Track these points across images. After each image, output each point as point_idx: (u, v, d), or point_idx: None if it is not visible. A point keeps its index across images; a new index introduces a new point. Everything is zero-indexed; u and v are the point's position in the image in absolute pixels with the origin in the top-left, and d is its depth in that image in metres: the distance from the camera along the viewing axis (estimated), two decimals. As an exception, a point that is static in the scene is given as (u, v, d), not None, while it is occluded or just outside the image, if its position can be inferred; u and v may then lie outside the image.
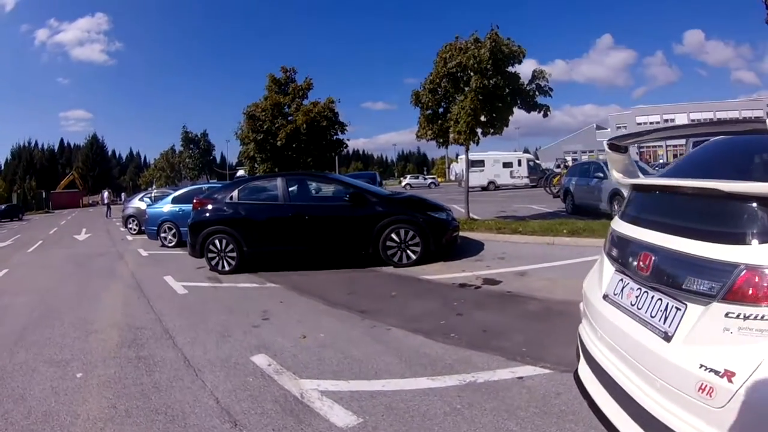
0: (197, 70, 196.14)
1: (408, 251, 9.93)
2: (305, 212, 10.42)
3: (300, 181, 11.73)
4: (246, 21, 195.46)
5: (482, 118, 15.18)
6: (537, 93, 15.26)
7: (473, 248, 10.97)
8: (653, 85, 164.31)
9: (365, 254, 10.06)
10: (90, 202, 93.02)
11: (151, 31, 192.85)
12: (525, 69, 15.39)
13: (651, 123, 72.82)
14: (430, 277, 8.74)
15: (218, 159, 73.34)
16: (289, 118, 24.64)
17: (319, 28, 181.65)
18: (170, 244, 17.00)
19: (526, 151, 68.99)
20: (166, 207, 17.41)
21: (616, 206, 14.04)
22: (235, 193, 11.19)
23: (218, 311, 7.70)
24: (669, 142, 66.14)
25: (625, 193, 3.63)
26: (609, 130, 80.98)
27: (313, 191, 11.90)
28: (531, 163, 50.82)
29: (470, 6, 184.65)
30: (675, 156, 57.63)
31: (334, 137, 25.73)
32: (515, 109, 15.54)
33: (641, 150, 64.88)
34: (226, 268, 10.75)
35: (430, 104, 16.07)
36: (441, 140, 16.57)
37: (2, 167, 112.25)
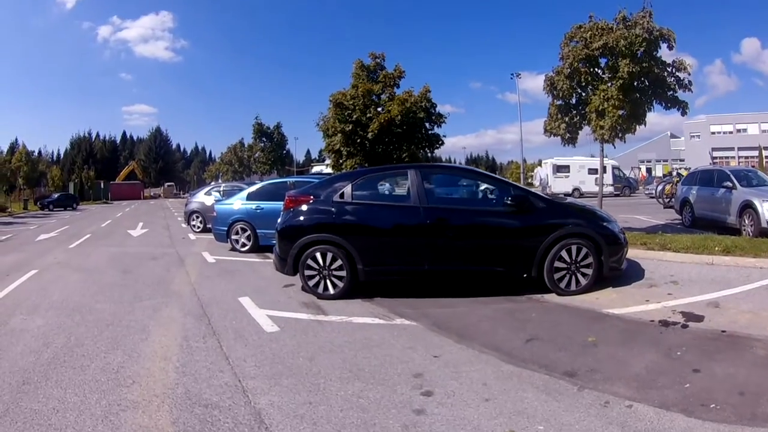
0: (264, 67, 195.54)
1: (578, 275, 8.04)
2: (449, 219, 8.22)
3: (440, 176, 9.53)
4: (314, 16, 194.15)
5: (624, 112, 13.61)
6: (677, 86, 13.75)
7: (630, 269, 9.18)
8: (714, 94, 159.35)
9: (526, 279, 8.09)
10: (152, 194, 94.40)
11: (217, 27, 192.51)
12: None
13: (724, 132, 73.57)
14: (616, 311, 7.13)
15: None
16: (380, 108, 22.42)
17: (385, 29, 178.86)
18: (243, 249, 14.43)
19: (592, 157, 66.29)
20: (238, 203, 14.95)
21: (747, 220, 13.59)
22: (347, 189, 8.62)
23: (340, 373, 5.18)
24: (741, 153, 69.17)
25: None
26: (683, 138, 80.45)
27: (458, 191, 9.85)
28: (616, 171, 49.03)
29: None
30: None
31: (431, 131, 23.34)
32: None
33: (714, 161, 62.53)
34: (330, 291, 8.29)
35: (566, 92, 14.27)
36: (569, 136, 14.78)
37: (61, 157, 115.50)
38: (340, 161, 22.71)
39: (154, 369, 5.32)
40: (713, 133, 74.55)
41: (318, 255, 8.28)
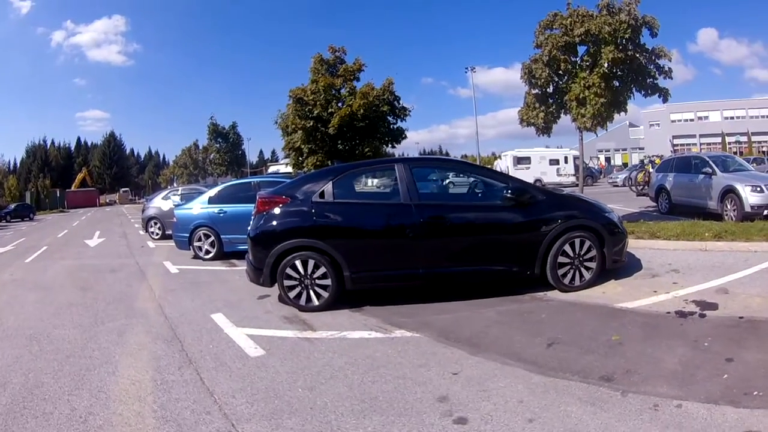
0: (217, 69, 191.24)
1: (581, 269, 7.46)
2: (444, 216, 7.37)
3: (430, 171, 9.10)
4: (266, 16, 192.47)
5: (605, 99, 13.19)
6: (657, 74, 13.62)
7: (628, 259, 8.55)
8: (671, 84, 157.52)
9: (528, 276, 7.43)
10: (107, 200, 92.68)
11: (170, 30, 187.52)
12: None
13: (685, 120, 73.76)
14: (628, 305, 6.68)
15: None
16: (341, 103, 21.61)
17: (335, 26, 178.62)
18: (207, 256, 13.32)
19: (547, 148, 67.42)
20: (199, 207, 13.78)
21: (729, 205, 13.52)
22: (328, 188, 7.68)
23: (351, 405, 4.34)
24: (702, 141, 69.91)
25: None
26: (642, 127, 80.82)
27: (450, 185, 9.42)
28: (577, 161, 48.36)
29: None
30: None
31: (395, 125, 22.52)
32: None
33: (675, 148, 64.66)
34: (314, 302, 7.38)
35: (544, 81, 14.00)
36: (544, 126, 14.48)
37: (17, 166, 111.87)
38: (301, 159, 21.83)
39: (128, 414, 4.36)
40: (673, 121, 74.19)
41: (298, 263, 7.34)
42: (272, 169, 56.88)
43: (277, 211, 7.68)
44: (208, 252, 13.29)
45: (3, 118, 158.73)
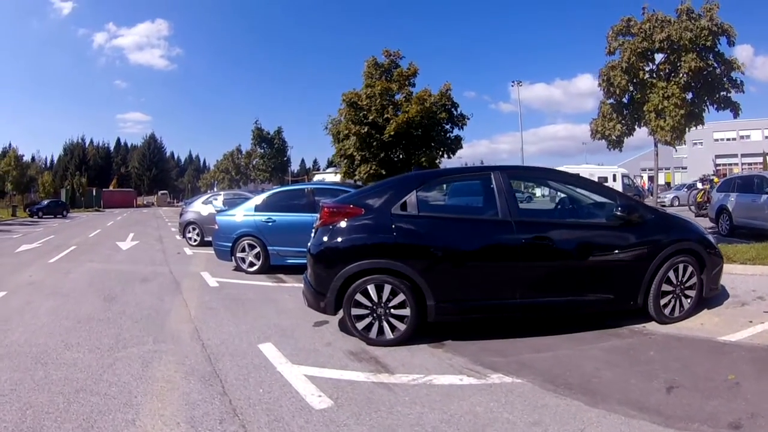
0: (260, 75, 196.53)
1: (681, 298, 6.69)
2: (548, 236, 6.36)
3: (527, 180, 8.17)
4: (312, 23, 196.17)
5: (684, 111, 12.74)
6: (730, 87, 13.10)
7: None
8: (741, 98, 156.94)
9: (630, 308, 6.59)
10: (145, 202, 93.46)
11: (212, 35, 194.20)
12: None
13: (728, 139, 72.66)
14: (730, 338, 6.06)
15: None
16: (396, 110, 20.34)
17: (384, 34, 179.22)
18: (251, 269, 11.99)
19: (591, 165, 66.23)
20: (244, 215, 12.38)
21: None
22: (411, 198, 6.47)
23: None
24: (744, 160, 68.42)
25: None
26: (686, 146, 76.34)
27: (550, 200, 8.60)
28: (625, 179, 47.85)
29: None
30: None
31: (452, 134, 21.40)
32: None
33: (717, 168, 63.46)
34: (388, 335, 6.19)
35: (623, 89, 13.36)
36: (615, 139, 13.96)
37: (54, 163, 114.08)
38: (353, 167, 20.60)
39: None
40: (716, 140, 72.65)
41: (371, 288, 6.13)
42: (317, 177, 56.13)
43: (347, 224, 6.43)
44: (252, 264, 11.99)
45: (42, 117, 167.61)
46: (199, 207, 20.09)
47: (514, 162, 61.84)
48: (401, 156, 20.10)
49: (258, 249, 11.92)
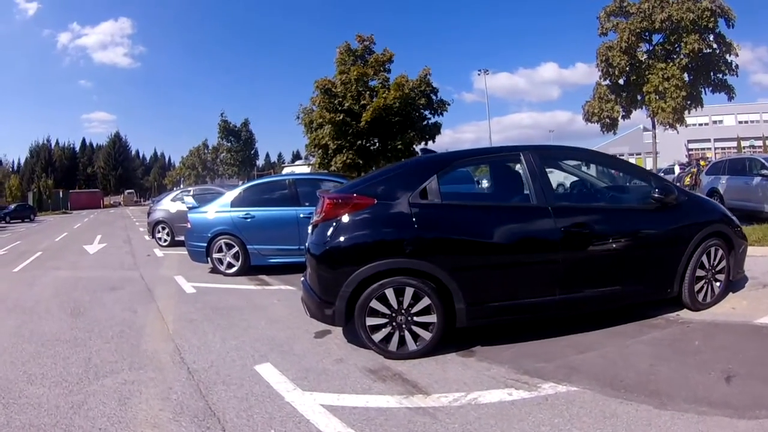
0: (222, 72, 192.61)
1: (712, 282, 6.23)
2: (588, 223, 5.64)
3: (559, 160, 6.75)
4: (264, 17, 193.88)
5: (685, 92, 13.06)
6: (726, 70, 13.38)
7: None
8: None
9: (667, 296, 6.08)
10: (112, 202, 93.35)
11: (175, 33, 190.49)
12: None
13: (700, 125, 70.72)
14: (765, 321, 5.68)
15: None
16: (372, 96, 19.33)
17: (353, 22, 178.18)
18: (229, 271, 10.88)
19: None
20: (220, 211, 11.15)
21: None
22: (432, 184, 5.51)
23: None
24: (717, 145, 68.35)
25: None
26: (657, 131, 77.48)
27: (583, 183, 6.97)
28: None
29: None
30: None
31: (430, 121, 20.45)
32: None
33: (690, 153, 64.49)
34: (411, 347, 5.26)
35: (622, 69, 14.23)
36: (609, 122, 15.16)
37: (21, 166, 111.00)
38: (327, 157, 19.65)
39: None
40: (689, 124, 73.44)
41: (390, 293, 5.17)
42: (286, 170, 54.96)
43: (356, 217, 5.42)
44: (230, 266, 10.88)
45: (7, 119, 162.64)
46: (168, 205, 18.79)
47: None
48: (377, 145, 19.05)
49: (236, 248, 10.80)
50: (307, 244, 5.84)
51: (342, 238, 5.36)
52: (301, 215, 10.16)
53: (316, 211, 5.78)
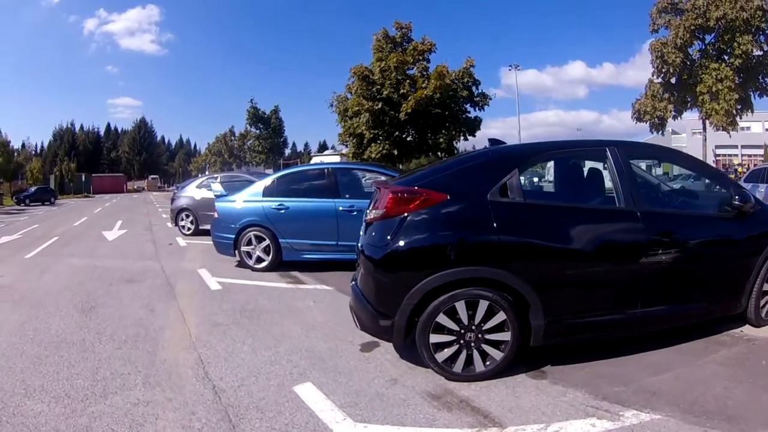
0: (249, 60, 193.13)
1: None
2: (674, 231, 5.01)
3: (647, 159, 7.45)
4: (293, 7, 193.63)
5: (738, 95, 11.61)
6: None
7: None
8: None
9: (735, 312, 5.50)
10: (135, 187, 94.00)
11: (203, 20, 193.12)
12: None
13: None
14: None
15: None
16: (413, 87, 18.45)
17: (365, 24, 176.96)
18: (259, 266, 9.93)
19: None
20: (248, 201, 10.17)
21: None
22: (513, 179, 4.73)
23: None
24: (744, 152, 67.70)
25: None
26: (685, 135, 76.63)
27: (659, 185, 6.82)
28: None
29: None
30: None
31: (472, 114, 19.80)
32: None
33: (717, 158, 63.93)
34: (479, 368, 4.49)
35: (677, 67, 14.19)
36: (660, 122, 14.63)
37: (44, 149, 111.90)
38: (362, 147, 18.67)
39: None
40: (716, 131, 73.12)
41: (461, 306, 4.37)
42: (315, 160, 54.51)
43: (426, 215, 4.55)
44: (260, 260, 9.95)
45: (33, 104, 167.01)
46: (193, 191, 17.87)
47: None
48: (415, 136, 18.11)
49: (267, 242, 9.86)
50: (360, 245, 4.99)
51: (408, 240, 4.50)
52: (341, 208, 9.28)
53: (373, 206, 4.90)
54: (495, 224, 4.45)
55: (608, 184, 5.21)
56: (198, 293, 8.29)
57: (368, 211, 5.03)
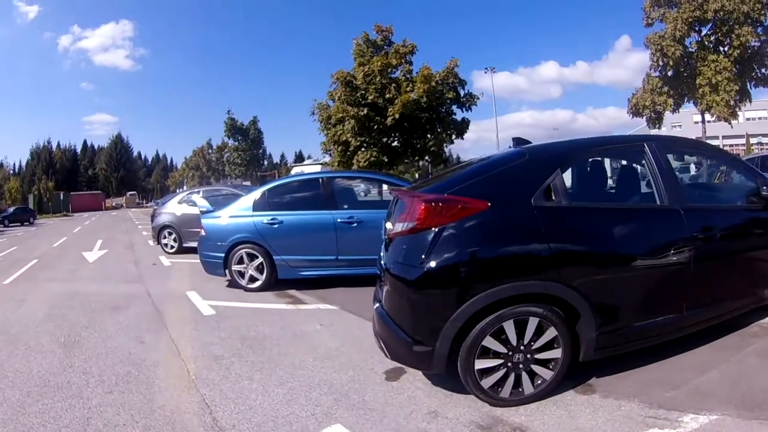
0: (224, 74, 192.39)
1: None
2: (715, 227, 4.79)
3: (685, 154, 7.31)
4: (270, 16, 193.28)
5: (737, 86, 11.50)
6: None
7: None
8: None
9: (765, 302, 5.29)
10: (114, 204, 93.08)
11: (176, 35, 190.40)
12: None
13: (708, 121, 72.71)
14: None
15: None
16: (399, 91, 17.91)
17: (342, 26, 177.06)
18: (252, 285, 9.25)
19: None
20: (237, 216, 9.43)
21: None
22: (558, 181, 4.27)
23: None
24: (725, 142, 65.45)
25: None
26: (665, 129, 78.84)
27: (693, 180, 7.22)
28: None
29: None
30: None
31: (459, 116, 19.55)
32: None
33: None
34: (529, 390, 4.18)
35: (677, 60, 14.16)
36: (656, 116, 14.79)
37: (22, 168, 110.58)
38: (346, 155, 18.08)
39: None
40: (696, 122, 74.33)
41: (509, 326, 3.94)
42: (295, 170, 53.72)
43: (466, 226, 4.02)
44: (253, 279, 9.27)
45: (9, 122, 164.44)
46: (175, 207, 17.06)
47: (477, 151, 60.70)
48: (401, 141, 17.68)
49: (260, 259, 9.18)
50: (383, 263, 4.44)
51: (448, 256, 3.96)
52: (339, 220, 8.67)
53: (399, 218, 4.32)
54: (543, 232, 4.03)
55: (645, 180, 5.03)
56: (190, 320, 7.57)
57: (389, 224, 4.46)
